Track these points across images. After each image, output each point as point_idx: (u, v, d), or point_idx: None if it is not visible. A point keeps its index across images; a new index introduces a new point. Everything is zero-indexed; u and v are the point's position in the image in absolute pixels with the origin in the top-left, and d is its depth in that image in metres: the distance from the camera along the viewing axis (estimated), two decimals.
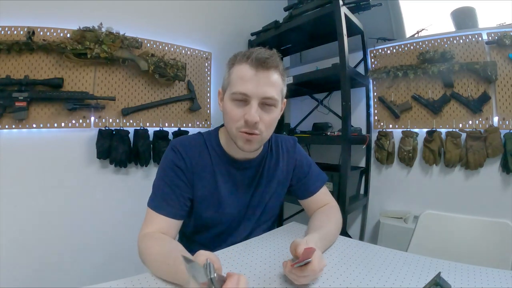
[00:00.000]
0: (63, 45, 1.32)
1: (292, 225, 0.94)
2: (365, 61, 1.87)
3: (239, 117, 0.67)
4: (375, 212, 1.82)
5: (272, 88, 0.67)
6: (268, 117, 0.68)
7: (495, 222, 0.96)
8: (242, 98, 0.67)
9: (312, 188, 0.87)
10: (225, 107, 0.71)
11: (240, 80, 0.67)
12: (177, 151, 0.74)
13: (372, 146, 1.82)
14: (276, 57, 0.69)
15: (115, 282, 0.52)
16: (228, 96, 0.69)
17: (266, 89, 0.66)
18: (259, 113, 0.66)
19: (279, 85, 0.70)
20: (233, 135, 0.70)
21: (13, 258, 1.28)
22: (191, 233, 0.83)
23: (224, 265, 0.61)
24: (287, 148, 0.87)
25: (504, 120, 1.41)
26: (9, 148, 1.28)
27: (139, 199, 1.60)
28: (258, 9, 2.26)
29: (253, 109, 0.65)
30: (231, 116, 0.68)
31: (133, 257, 1.64)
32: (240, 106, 0.68)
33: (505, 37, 1.36)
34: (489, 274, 0.59)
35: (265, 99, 0.67)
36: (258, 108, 0.66)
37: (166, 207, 0.69)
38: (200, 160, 0.76)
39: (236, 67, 0.69)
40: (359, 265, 0.63)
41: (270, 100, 0.67)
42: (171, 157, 0.74)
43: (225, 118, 0.71)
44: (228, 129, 0.71)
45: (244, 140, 0.68)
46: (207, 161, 0.76)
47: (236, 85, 0.67)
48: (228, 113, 0.69)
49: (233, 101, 0.68)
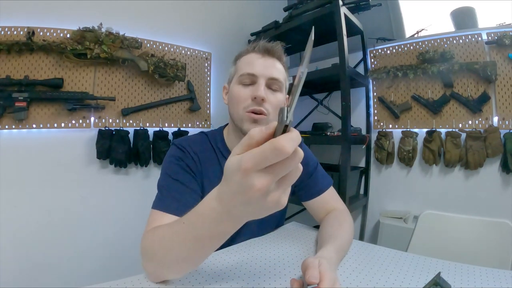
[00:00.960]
0: (63, 45, 1.32)
1: (292, 225, 0.94)
2: (365, 61, 1.87)
3: (247, 97, 0.68)
4: (375, 212, 1.82)
5: (278, 71, 0.71)
6: (274, 98, 0.70)
7: (495, 222, 0.96)
8: (250, 80, 0.69)
9: (315, 189, 0.83)
10: (232, 91, 0.72)
11: (248, 64, 0.70)
12: (184, 149, 0.72)
13: (372, 146, 1.83)
14: (280, 47, 0.73)
15: (115, 282, 0.52)
16: (235, 81, 0.71)
17: (273, 70, 0.70)
18: (265, 93, 0.68)
19: (283, 74, 0.73)
20: (239, 118, 0.69)
21: (13, 258, 1.27)
22: None
23: (224, 265, 0.61)
24: None
25: (504, 120, 1.41)
26: (9, 148, 1.28)
27: (139, 199, 1.61)
28: (258, 9, 2.26)
29: (261, 86, 0.67)
30: (238, 96, 0.69)
31: (133, 257, 1.63)
32: (247, 87, 0.70)
33: (504, 37, 1.36)
34: (489, 274, 0.59)
35: (272, 79, 0.69)
36: (265, 87, 0.68)
37: (177, 205, 0.61)
38: (206, 157, 0.74)
39: (243, 57, 0.73)
40: (359, 265, 0.63)
41: (276, 82, 0.70)
42: (178, 155, 0.71)
43: (232, 103, 0.72)
44: (235, 114, 0.71)
45: (251, 120, 0.68)
46: (213, 158, 0.75)
47: (244, 68, 0.70)
48: (235, 94, 0.70)
49: (240, 84, 0.70)
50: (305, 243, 0.77)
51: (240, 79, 0.70)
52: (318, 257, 0.53)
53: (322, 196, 0.83)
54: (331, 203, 0.84)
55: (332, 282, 0.46)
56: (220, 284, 0.54)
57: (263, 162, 0.29)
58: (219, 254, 0.67)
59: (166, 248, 0.48)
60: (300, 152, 0.31)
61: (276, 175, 0.31)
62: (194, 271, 0.58)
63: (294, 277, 0.52)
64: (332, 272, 0.48)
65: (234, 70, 0.74)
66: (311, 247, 0.74)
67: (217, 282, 0.54)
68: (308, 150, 0.88)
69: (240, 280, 0.55)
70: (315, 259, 0.51)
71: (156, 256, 0.50)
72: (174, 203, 0.61)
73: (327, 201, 0.83)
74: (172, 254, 0.47)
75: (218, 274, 0.57)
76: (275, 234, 0.84)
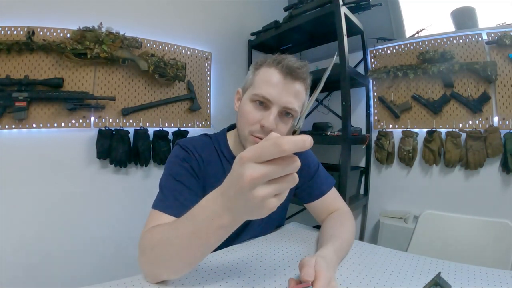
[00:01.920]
0: (63, 45, 1.32)
1: (292, 225, 0.94)
2: (365, 61, 1.87)
3: (255, 121, 0.65)
4: (375, 212, 1.82)
5: (295, 99, 0.66)
6: (284, 128, 0.66)
7: (495, 222, 0.96)
8: (263, 102, 0.65)
9: (316, 192, 0.82)
10: (242, 107, 0.69)
11: (265, 83, 0.65)
12: (188, 150, 0.71)
13: (372, 146, 1.83)
14: (306, 69, 0.68)
15: (115, 282, 0.52)
16: (248, 97, 0.67)
17: (290, 99, 0.64)
18: (276, 121, 0.64)
19: (302, 98, 0.68)
20: (244, 136, 0.68)
21: (13, 258, 1.27)
22: None
23: (224, 265, 0.61)
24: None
25: (504, 120, 1.41)
26: (9, 148, 1.28)
27: (139, 199, 1.61)
28: (258, 9, 2.26)
29: (272, 115, 0.63)
30: (247, 118, 0.66)
31: (133, 257, 1.63)
32: (258, 109, 0.66)
33: (505, 37, 1.36)
34: (489, 274, 0.59)
35: (286, 108, 0.65)
36: (276, 116, 0.65)
37: (178, 206, 0.60)
38: (210, 160, 0.73)
39: (263, 69, 0.67)
40: (359, 265, 0.63)
41: (290, 111, 0.66)
42: (182, 155, 0.69)
43: (240, 119, 0.69)
44: (240, 130, 0.69)
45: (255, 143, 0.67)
46: (217, 162, 0.74)
47: (260, 87, 0.65)
48: (245, 114, 0.67)
49: (253, 102, 0.66)
50: (305, 243, 0.77)
51: (254, 97, 0.66)
52: (315, 256, 0.53)
53: (323, 198, 0.82)
54: (333, 204, 0.83)
55: (328, 282, 0.46)
56: (220, 284, 0.54)
57: (261, 154, 0.31)
58: (219, 254, 0.67)
59: (163, 243, 0.48)
60: (297, 160, 0.32)
61: (270, 171, 0.31)
62: (194, 271, 0.58)
63: (293, 277, 0.52)
64: (327, 271, 0.48)
65: (251, 80, 0.69)
66: (311, 247, 0.74)
67: (217, 282, 0.54)
68: (309, 152, 0.87)
69: (240, 280, 0.55)
70: (312, 258, 0.51)
71: (153, 252, 0.50)
72: (175, 204, 0.61)
73: (329, 203, 0.82)
74: (169, 250, 0.47)
75: (218, 274, 0.57)
76: (275, 234, 0.84)
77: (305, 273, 0.46)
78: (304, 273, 0.46)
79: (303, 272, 0.47)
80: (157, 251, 0.49)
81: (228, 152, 0.76)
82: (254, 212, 0.36)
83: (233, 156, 0.75)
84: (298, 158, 0.32)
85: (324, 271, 0.47)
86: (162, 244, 0.48)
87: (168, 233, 0.49)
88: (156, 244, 0.50)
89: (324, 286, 0.45)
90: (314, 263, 0.49)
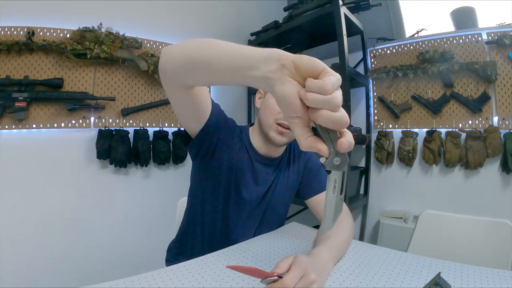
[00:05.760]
0: (63, 45, 1.32)
1: (292, 225, 0.94)
2: (365, 61, 1.87)
3: (280, 111, 0.69)
4: (375, 212, 1.82)
5: None
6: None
7: (495, 222, 0.96)
8: None
9: (317, 185, 0.84)
10: (267, 101, 0.77)
11: None
12: (228, 117, 0.79)
13: (372, 146, 1.83)
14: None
15: (115, 282, 0.52)
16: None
17: None
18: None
19: None
20: (268, 125, 0.75)
21: (13, 258, 1.27)
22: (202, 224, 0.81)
23: (224, 265, 0.61)
24: (298, 151, 0.87)
25: (504, 120, 1.41)
26: (9, 148, 1.28)
27: (139, 199, 1.61)
28: (258, 9, 2.26)
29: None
30: (272, 108, 0.74)
31: (133, 257, 1.63)
32: None
33: (505, 37, 1.37)
34: (489, 274, 0.59)
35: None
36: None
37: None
38: (232, 137, 0.78)
39: None
40: (359, 265, 0.63)
41: None
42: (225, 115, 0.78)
43: (265, 111, 0.77)
44: (264, 121, 0.76)
45: (278, 131, 0.73)
46: (237, 143, 0.80)
47: None
48: (271, 106, 0.74)
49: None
50: (305, 243, 0.77)
51: None
52: (301, 254, 0.54)
53: (323, 194, 0.83)
54: None
55: (298, 277, 0.47)
56: (220, 284, 0.54)
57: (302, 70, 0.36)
58: (219, 254, 0.67)
59: (191, 45, 0.53)
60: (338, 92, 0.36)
61: (306, 85, 0.35)
62: (194, 271, 0.58)
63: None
64: (301, 268, 0.48)
65: None
66: (311, 247, 0.74)
67: (217, 282, 0.54)
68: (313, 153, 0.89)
69: (240, 280, 0.55)
70: (293, 255, 0.52)
71: (179, 45, 0.54)
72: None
73: None
74: (192, 50, 0.52)
75: (218, 274, 0.57)
76: (275, 234, 0.84)
77: (276, 266, 0.49)
78: (276, 265, 0.49)
79: (276, 265, 0.50)
80: (181, 45, 0.54)
81: (247, 140, 0.82)
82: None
83: (252, 144, 0.82)
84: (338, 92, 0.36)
85: (297, 266, 0.48)
86: (189, 43, 0.53)
87: (201, 40, 0.53)
88: (184, 43, 0.54)
89: (293, 280, 0.46)
90: (292, 258, 0.51)
